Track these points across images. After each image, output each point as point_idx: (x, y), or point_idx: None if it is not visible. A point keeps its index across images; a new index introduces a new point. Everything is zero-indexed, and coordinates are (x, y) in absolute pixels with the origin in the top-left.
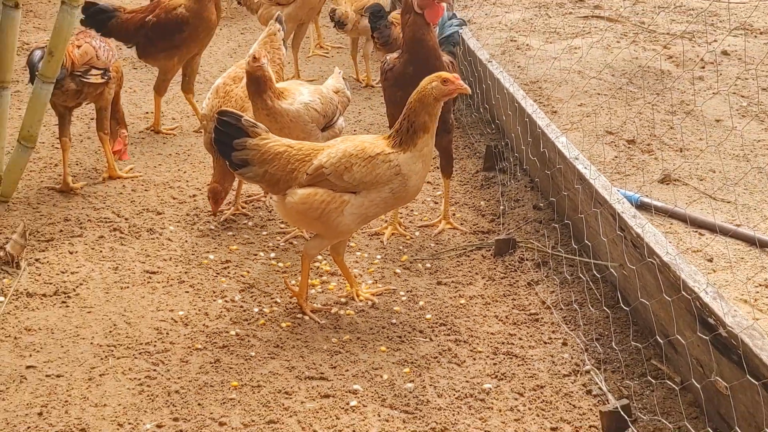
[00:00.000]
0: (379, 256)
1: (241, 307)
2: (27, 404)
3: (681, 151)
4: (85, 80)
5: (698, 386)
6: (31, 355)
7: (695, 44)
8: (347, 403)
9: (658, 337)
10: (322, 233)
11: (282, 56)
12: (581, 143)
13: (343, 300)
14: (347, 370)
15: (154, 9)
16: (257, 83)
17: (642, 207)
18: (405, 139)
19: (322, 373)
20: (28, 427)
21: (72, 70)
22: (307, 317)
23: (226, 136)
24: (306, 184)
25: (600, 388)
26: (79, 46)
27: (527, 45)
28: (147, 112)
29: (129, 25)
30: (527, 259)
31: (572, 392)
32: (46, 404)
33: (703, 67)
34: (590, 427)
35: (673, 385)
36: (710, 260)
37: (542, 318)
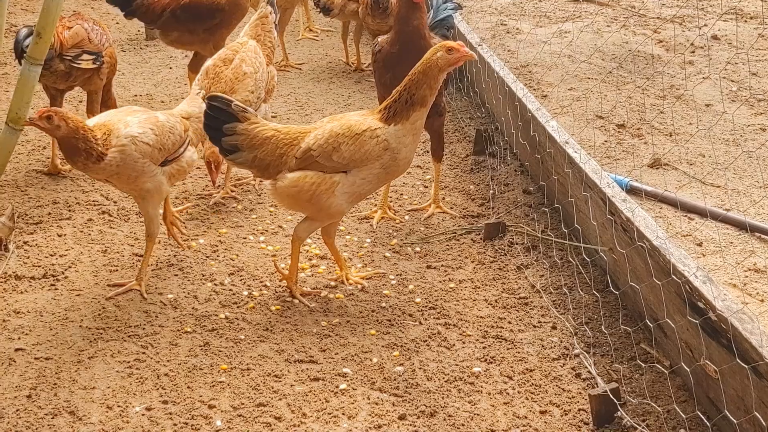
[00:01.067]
0: (368, 240)
1: (231, 290)
2: (16, 387)
3: (671, 136)
4: (75, 65)
5: (687, 370)
6: (19, 338)
7: (686, 29)
8: (337, 386)
9: (647, 321)
10: (315, 216)
11: (273, 39)
12: (571, 127)
13: (332, 283)
14: (337, 354)
15: None
16: (65, 146)
17: (632, 191)
18: (399, 112)
19: (311, 357)
20: (17, 410)
21: (60, 51)
22: (296, 300)
23: (216, 121)
24: (296, 168)
25: (589, 372)
26: (69, 28)
27: (517, 29)
28: (135, 95)
29: (156, 7)
30: (517, 243)
31: (561, 376)
32: (35, 387)
33: (693, 52)
34: (579, 410)
35: (663, 369)
36: (700, 244)
37: (532, 302)
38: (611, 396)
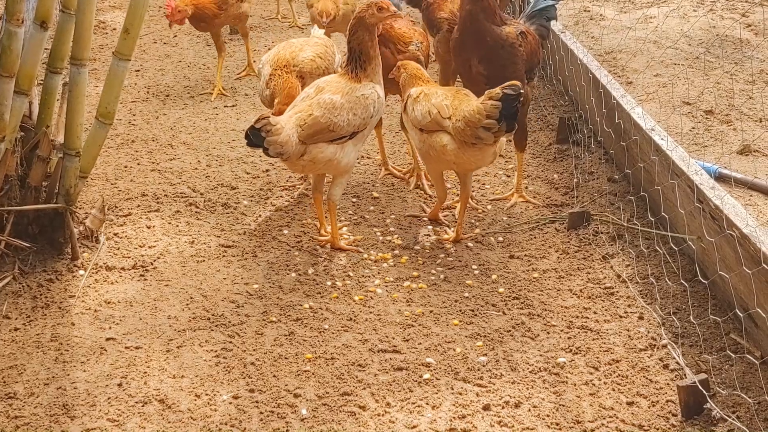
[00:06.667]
0: (451, 230)
1: (314, 280)
2: (107, 375)
3: (761, 122)
4: None
5: None
6: (110, 327)
7: None
8: (420, 376)
9: (737, 311)
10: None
11: None
12: (657, 114)
13: (414, 274)
14: (420, 344)
15: None
16: None
17: (720, 179)
18: None
19: (394, 346)
20: (108, 398)
21: None
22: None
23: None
24: None
25: (677, 363)
26: None
27: (601, 15)
28: (221, 88)
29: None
30: (602, 233)
31: (649, 366)
32: (125, 375)
33: None
34: (667, 401)
35: (753, 360)
36: None
37: (618, 292)
38: (700, 387)
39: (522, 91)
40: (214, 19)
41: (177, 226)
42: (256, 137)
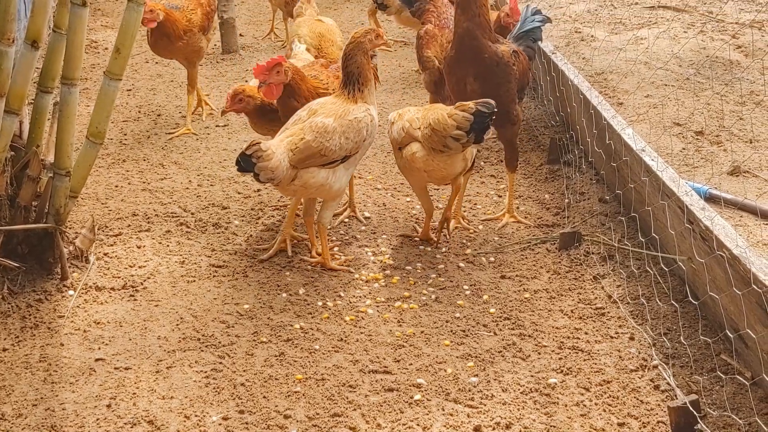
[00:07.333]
0: (442, 249)
1: (305, 300)
2: (96, 396)
3: (751, 143)
4: None
5: None
6: (99, 348)
7: (765, 33)
8: (411, 397)
9: (727, 332)
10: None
11: None
12: (648, 135)
13: (406, 294)
14: (411, 364)
15: None
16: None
17: (711, 199)
18: None
19: (385, 367)
20: (97, 419)
21: None
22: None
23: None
24: None
25: (668, 384)
26: None
27: (592, 36)
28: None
29: None
30: (593, 253)
31: (640, 387)
32: (114, 396)
33: None
34: (658, 422)
35: (744, 381)
36: None
37: (608, 312)
38: (691, 408)
39: (495, 109)
40: (176, 40)
41: (167, 246)
42: (246, 163)
